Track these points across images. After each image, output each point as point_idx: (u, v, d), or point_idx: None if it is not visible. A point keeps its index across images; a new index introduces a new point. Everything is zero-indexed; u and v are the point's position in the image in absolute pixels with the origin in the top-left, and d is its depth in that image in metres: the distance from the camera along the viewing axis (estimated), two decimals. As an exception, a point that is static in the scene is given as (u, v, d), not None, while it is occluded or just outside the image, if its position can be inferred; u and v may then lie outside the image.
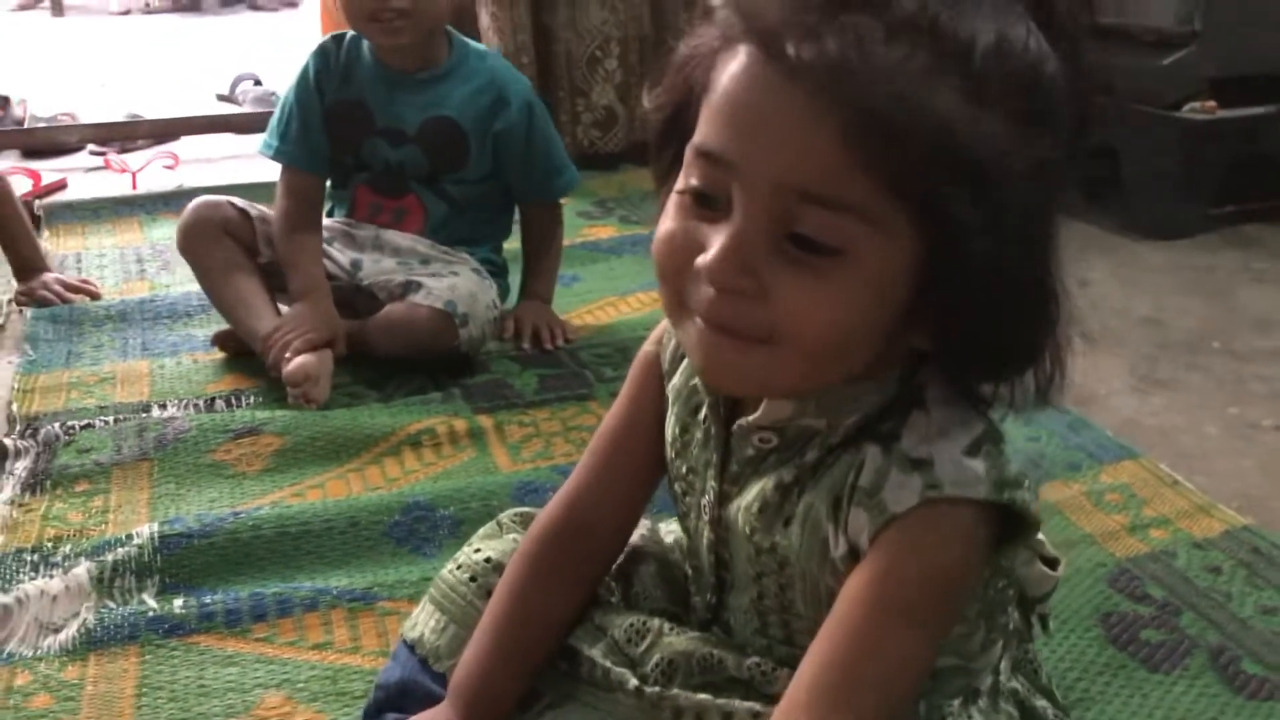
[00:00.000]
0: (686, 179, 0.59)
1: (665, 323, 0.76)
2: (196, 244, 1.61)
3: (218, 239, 1.60)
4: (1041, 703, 0.77)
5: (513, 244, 1.79)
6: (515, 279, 1.79)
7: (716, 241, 0.57)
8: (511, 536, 0.82)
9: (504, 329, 1.69)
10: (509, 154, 1.66)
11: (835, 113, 0.52)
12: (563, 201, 1.80)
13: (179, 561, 1.12)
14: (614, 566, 0.81)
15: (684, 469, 0.73)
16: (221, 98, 3.60)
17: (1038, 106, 0.55)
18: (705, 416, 0.71)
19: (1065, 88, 0.57)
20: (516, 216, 1.78)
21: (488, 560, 0.81)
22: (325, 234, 1.67)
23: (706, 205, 0.58)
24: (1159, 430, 1.43)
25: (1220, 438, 1.42)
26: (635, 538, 0.82)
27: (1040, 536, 0.78)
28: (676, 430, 0.73)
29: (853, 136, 0.52)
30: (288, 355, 1.49)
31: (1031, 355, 0.61)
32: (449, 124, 1.62)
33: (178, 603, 1.06)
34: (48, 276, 1.92)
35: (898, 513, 0.60)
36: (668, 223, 0.61)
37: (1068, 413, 1.43)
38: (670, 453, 0.74)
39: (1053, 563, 0.77)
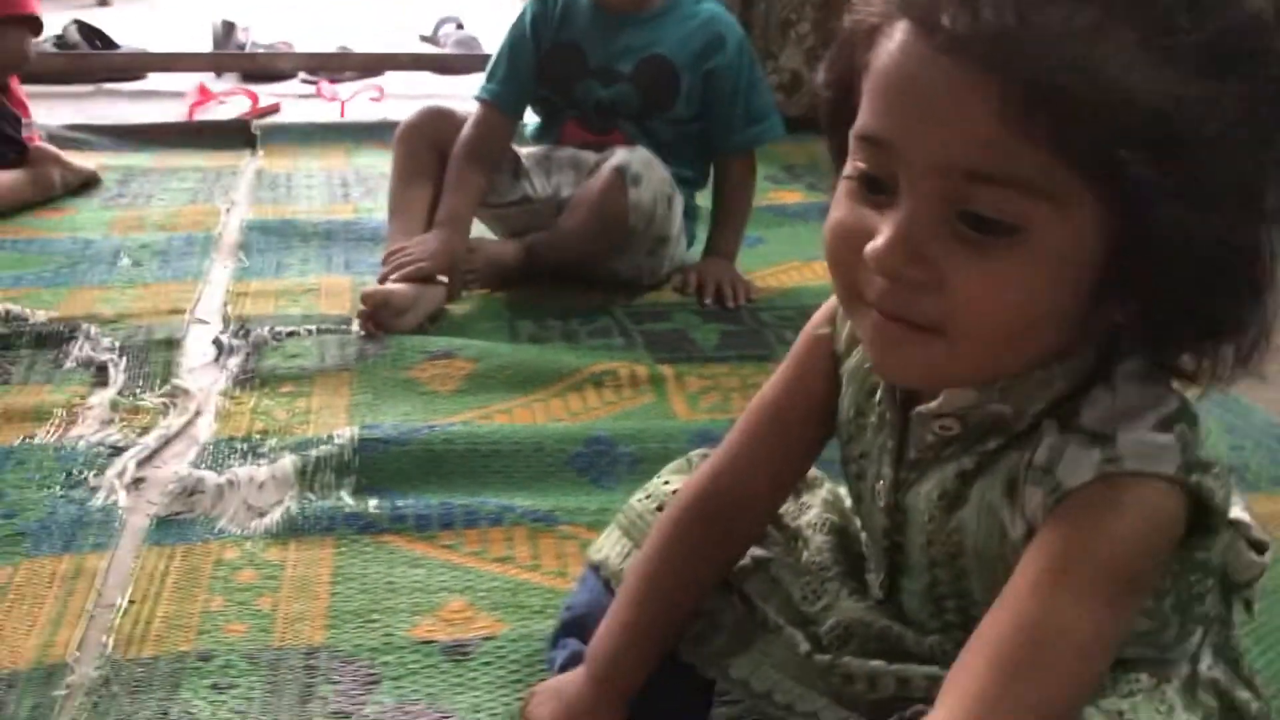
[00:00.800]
0: (853, 164, 0.58)
1: (834, 302, 0.73)
2: (409, 143, 1.70)
3: (429, 148, 1.68)
4: (1244, 694, 0.73)
5: (704, 201, 1.80)
6: (703, 236, 1.80)
7: (885, 229, 0.55)
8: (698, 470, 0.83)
9: (686, 282, 1.70)
10: (719, 93, 1.67)
11: (995, 85, 0.50)
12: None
13: (375, 464, 1.18)
14: (791, 523, 0.80)
15: (857, 453, 0.71)
16: (424, 38, 3.72)
17: (1237, 55, 0.51)
18: (881, 400, 0.69)
19: (1277, 28, 0.53)
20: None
21: (675, 493, 0.81)
22: (524, 164, 1.73)
23: (875, 190, 0.57)
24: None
25: None
26: (819, 502, 0.81)
27: (1247, 518, 0.74)
28: (851, 413, 0.71)
29: (1016, 108, 0.50)
30: (389, 276, 1.54)
31: (1236, 327, 0.57)
32: (663, 62, 1.66)
33: (372, 503, 1.12)
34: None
35: (1072, 487, 0.57)
36: (837, 210, 0.59)
37: (1276, 424, 1.36)
38: (843, 435, 0.73)
39: (1260, 546, 0.72)
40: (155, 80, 3.04)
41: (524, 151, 1.76)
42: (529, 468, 1.19)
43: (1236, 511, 0.75)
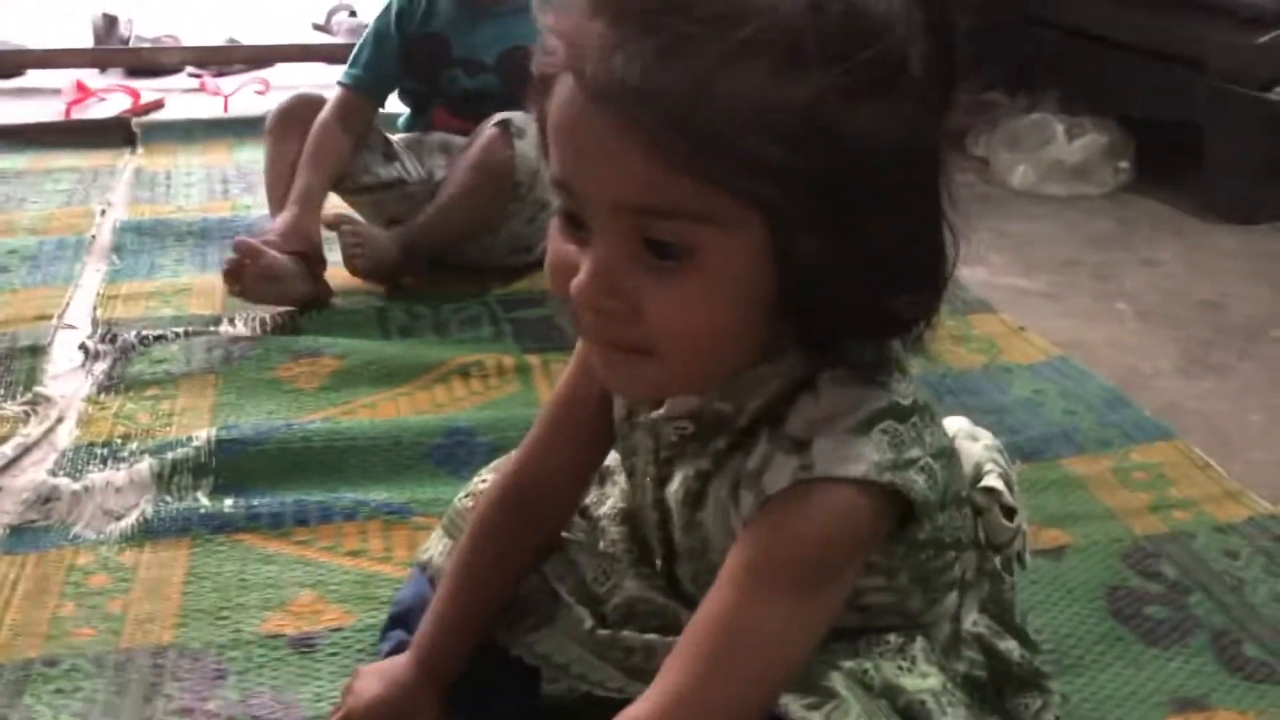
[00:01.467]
0: (555, 202, 0.61)
1: None
2: (279, 131, 1.72)
3: (301, 136, 1.69)
4: (1008, 644, 0.79)
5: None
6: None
7: (584, 266, 0.58)
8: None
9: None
10: None
11: (640, 129, 0.53)
12: None
13: (232, 465, 1.20)
14: (590, 508, 0.84)
15: (629, 450, 0.75)
16: (317, 27, 3.68)
17: (870, 58, 0.54)
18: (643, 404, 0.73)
19: (909, 27, 0.55)
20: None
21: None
22: (395, 147, 1.76)
23: (576, 227, 0.60)
24: (1200, 414, 1.43)
25: (1263, 426, 1.41)
26: (616, 492, 0.85)
27: (1000, 486, 0.80)
28: (623, 413, 0.75)
29: (662, 147, 0.53)
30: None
31: (903, 326, 0.62)
32: (527, 53, 1.66)
33: (228, 502, 1.14)
34: None
35: (772, 493, 0.61)
36: (552, 245, 0.62)
37: (1110, 391, 1.44)
38: (618, 433, 0.76)
39: (1010, 512, 0.78)
40: (34, 77, 2.97)
41: (395, 137, 1.79)
42: (386, 461, 1.22)
43: (991, 480, 0.80)
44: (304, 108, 1.72)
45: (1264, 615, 1.05)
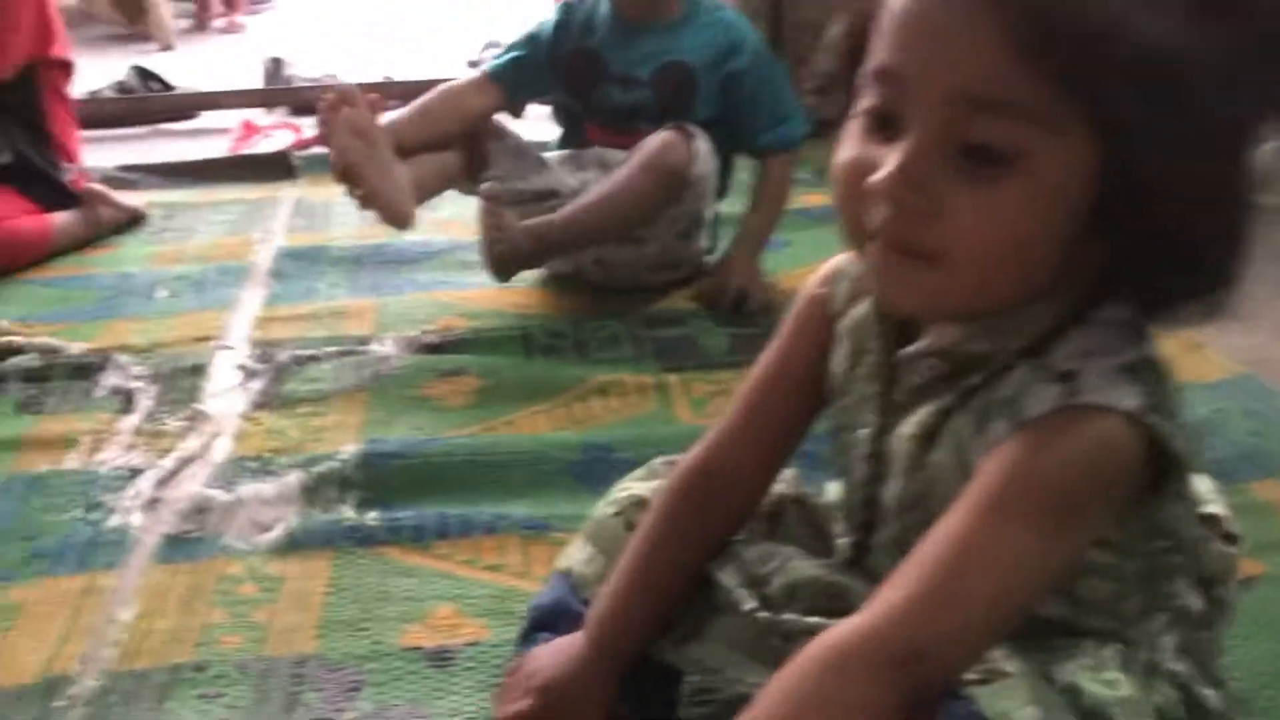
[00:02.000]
0: (863, 101, 0.60)
1: (834, 263, 0.76)
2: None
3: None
4: (1209, 691, 0.72)
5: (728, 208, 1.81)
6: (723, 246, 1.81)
7: (891, 159, 0.57)
8: (659, 482, 0.84)
9: (703, 287, 1.70)
10: (739, 97, 1.69)
11: (996, 12, 0.52)
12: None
13: (377, 479, 1.21)
14: (760, 511, 0.81)
15: (847, 404, 0.72)
16: (472, 64, 3.78)
17: (1228, 3, 0.53)
18: (872, 349, 0.70)
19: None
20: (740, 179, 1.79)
21: (634, 498, 0.83)
22: (552, 159, 1.77)
23: (884, 127, 0.59)
24: None
25: None
26: (784, 486, 0.82)
27: (1223, 512, 0.74)
28: (845, 366, 0.72)
29: (1015, 34, 0.52)
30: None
31: (1217, 274, 0.58)
32: (681, 68, 1.68)
33: (371, 515, 1.15)
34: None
35: (1031, 416, 0.58)
36: (846, 149, 0.61)
37: (1301, 407, 1.32)
38: (835, 389, 0.73)
39: (1232, 539, 0.72)
40: (206, 119, 3.14)
41: (549, 154, 1.79)
42: (526, 478, 1.21)
43: (1213, 508, 0.74)
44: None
45: None
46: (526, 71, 1.75)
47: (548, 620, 0.84)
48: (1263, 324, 1.61)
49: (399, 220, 1.64)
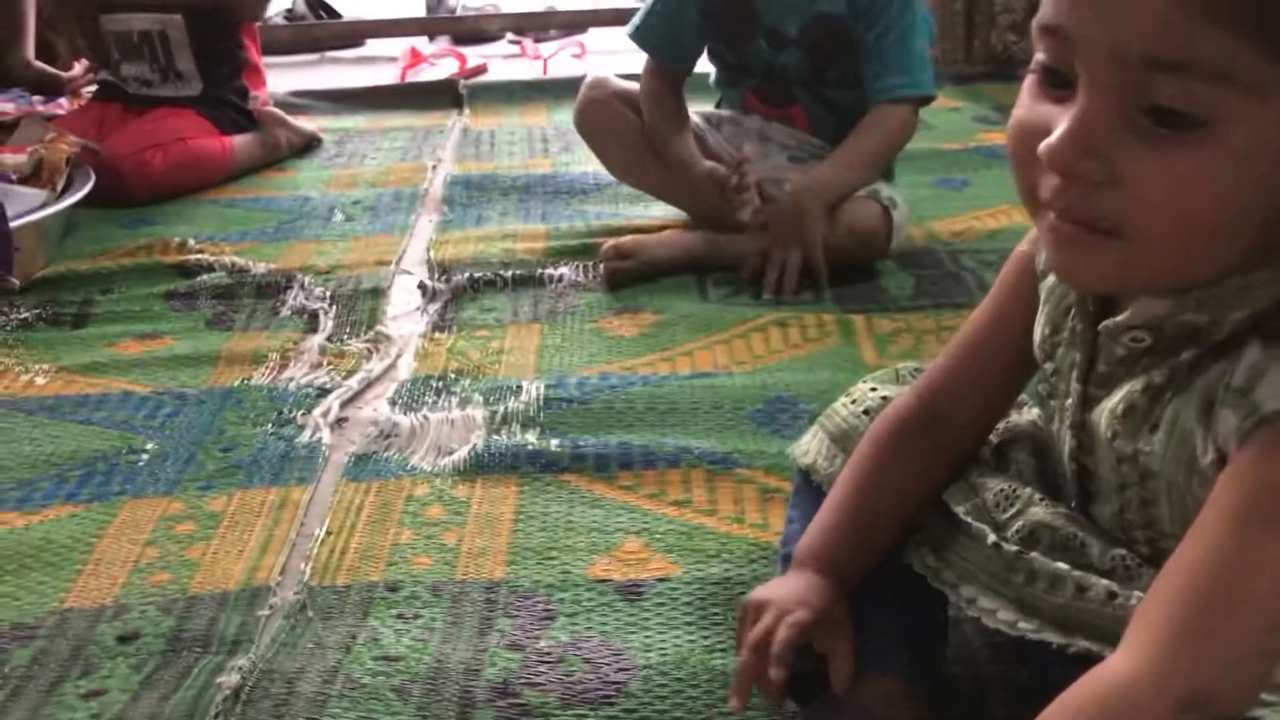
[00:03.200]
0: (1036, 55, 0.56)
1: None
2: (593, 119, 1.69)
3: (613, 109, 1.66)
4: None
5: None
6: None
7: (1061, 123, 0.53)
8: (908, 387, 0.80)
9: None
10: (873, 38, 1.53)
11: None
12: (937, 109, 1.67)
13: (557, 418, 1.20)
14: (996, 441, 0.77)
15: (1050, 370, 0.69)
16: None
17: None
18: (1073, 315, 0.66)
19: None
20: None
21: (884, 399, 0.80)
22: (713, 121, 1.69)
23: (1056, 85, 0.54)
24: None
25: None
26: (1019, 418, 0.78)
27: None
28: (1046, 330, 0.68)
29: None
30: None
31: None
32: (830, 20, 1.55)
33: (554, 442, 1.14)
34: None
35: (1271, 412, 0.52)
36: (1019, 108, 0.57)
37: None
38: (1039, 354, 0.70)
39: None
40: (373, 46, 3.18)
41: (709, 111, 1.72)
42: (708, 420, 1.18)
43: None
44: (601, 92, 1.68)
45: None
46: (678, 36, 1.63)
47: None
48: None
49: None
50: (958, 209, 1.75)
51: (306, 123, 2.32)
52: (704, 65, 1.72)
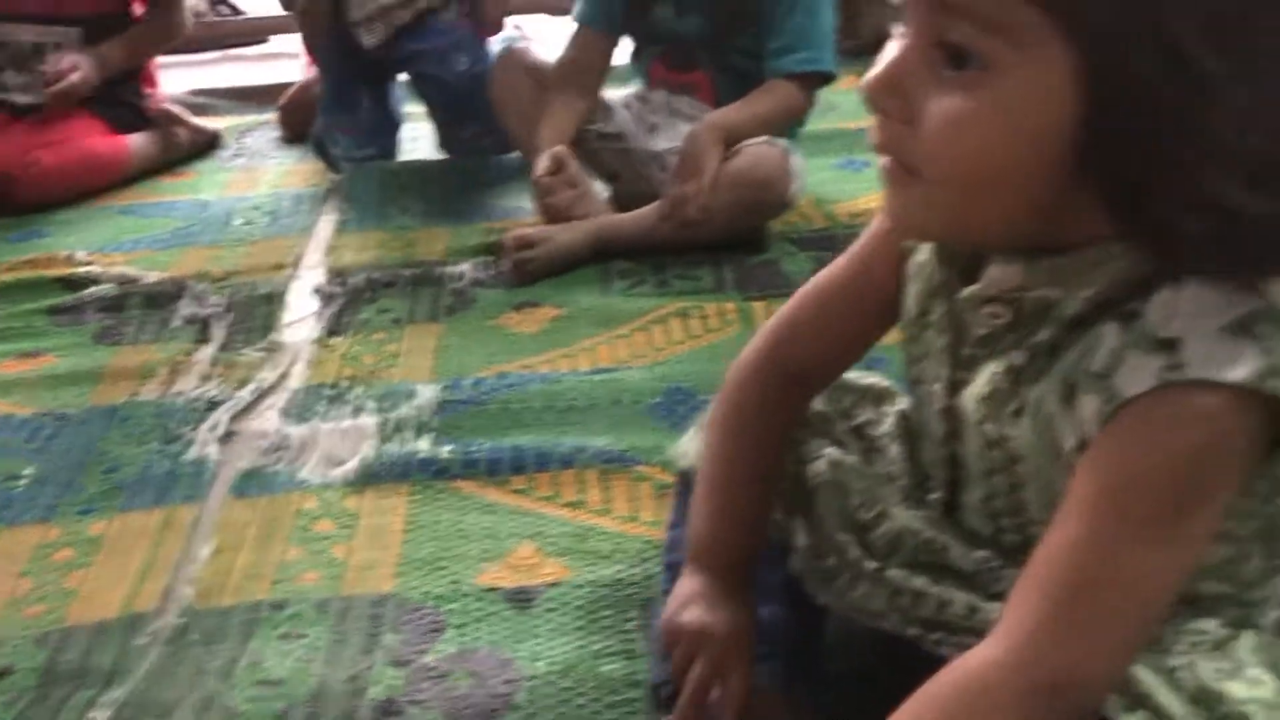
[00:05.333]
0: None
1: None
2: (500, 94, 1.70)
3: (521, 84, 1.67)
4: None
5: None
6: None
7: (879, 63, 0.55)
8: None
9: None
10: (772, 10, 1.53)
11: None
12: (842, 88, 1.67)
13: (452, 423, 1.18)
14: (867, 427, 0.78)
15: (918, 354, 0.68)
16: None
17: None
18: (939, 297, 0.66)
19: None
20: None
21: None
22: (620, 100, 1.69)
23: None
24: None
25: None
26: (894, 413, 0.78)
27: None
28: (914, 312, 0.68)
29: None
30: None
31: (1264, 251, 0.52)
32: None
33: (446, 448, 1.12)
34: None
35: (1129, 397, 0.52)
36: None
37: None
38: (905, 337, 0.70)
39: None
40: (277, 43, 3.10)
41: (617, 91, 1.71)
42: (606, 417, 1.17)
43: None
44: (513, 67, 1.69)
45: None
46: (612, 2, 1.64)
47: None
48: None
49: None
50: (859, 191, 1.75)
51: (208, 122, 2.26)
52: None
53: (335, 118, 2.00)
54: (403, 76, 2.06)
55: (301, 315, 1.48)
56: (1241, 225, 0.50)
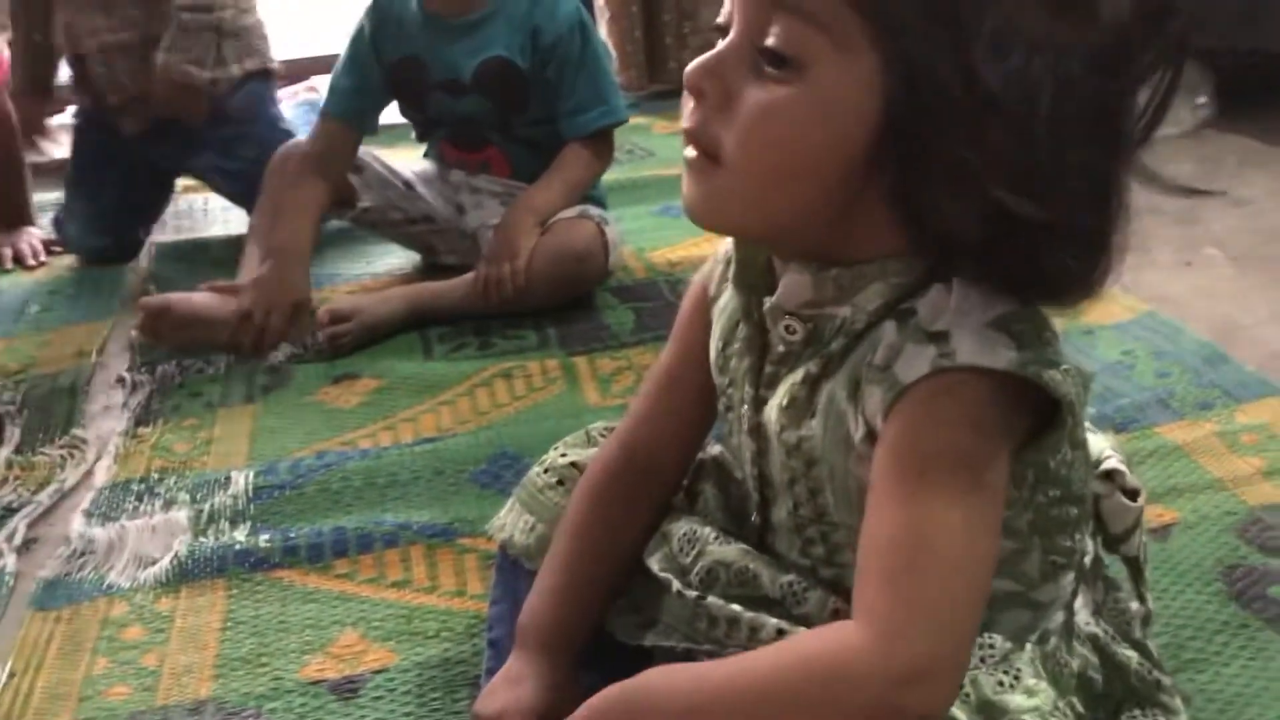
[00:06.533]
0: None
1: (716, 251, 0.75)
2: (271, 180, 1.64)
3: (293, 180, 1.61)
4: (1127, 653, 0.70)
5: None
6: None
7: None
8: (609, 440, 0.81)
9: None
10: (556, 76, 1.55)
11: None
12: (660, 133, 1.73)
13: (269, 509, 1.14)
14: (685, 482, 0.79)
15: (726, 383, 0.71)
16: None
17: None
18: (741, 323, 0.69)
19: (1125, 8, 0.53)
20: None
21: (574, 464, 0.81)
22: (420, 178, 1.68)
23: (724, 36, 0.60)
24: (1309, 364, 1.30)
25: (1380, 374, 1.27)
26: (704, 454, 0.80)
27: (1121, 466, 0.73)
28: (719, 346, 0.71)
29: None
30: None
31: (1039, 274, 0.56)
32: (502, 63, 1.55)
33: (264, 537, 1.08)
34: (32, 230, 1.96)
35: (908, 383, 0.57)
36: None
37: (1205, 345, 1.32)
38: (715, 371, 0.72)
39: (1134, 494, 0.72)
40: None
41: (415, 169, 1.70)
42: (429, 489, 1.15)
43: (1113, 463, 0.72)
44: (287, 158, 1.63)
45: (1406, 586, 0.93)
46: (367, 94, 1.61)
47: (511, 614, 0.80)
48: (1159, 258, 1.61)
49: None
50: (677, 237, 1.79)
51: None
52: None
53: (71, 201, 1.89)
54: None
55: (106, 405, 1.41)
56: (1017, 232, 0.55)
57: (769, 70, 0.56)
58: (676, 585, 0.70)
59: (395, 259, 1.79)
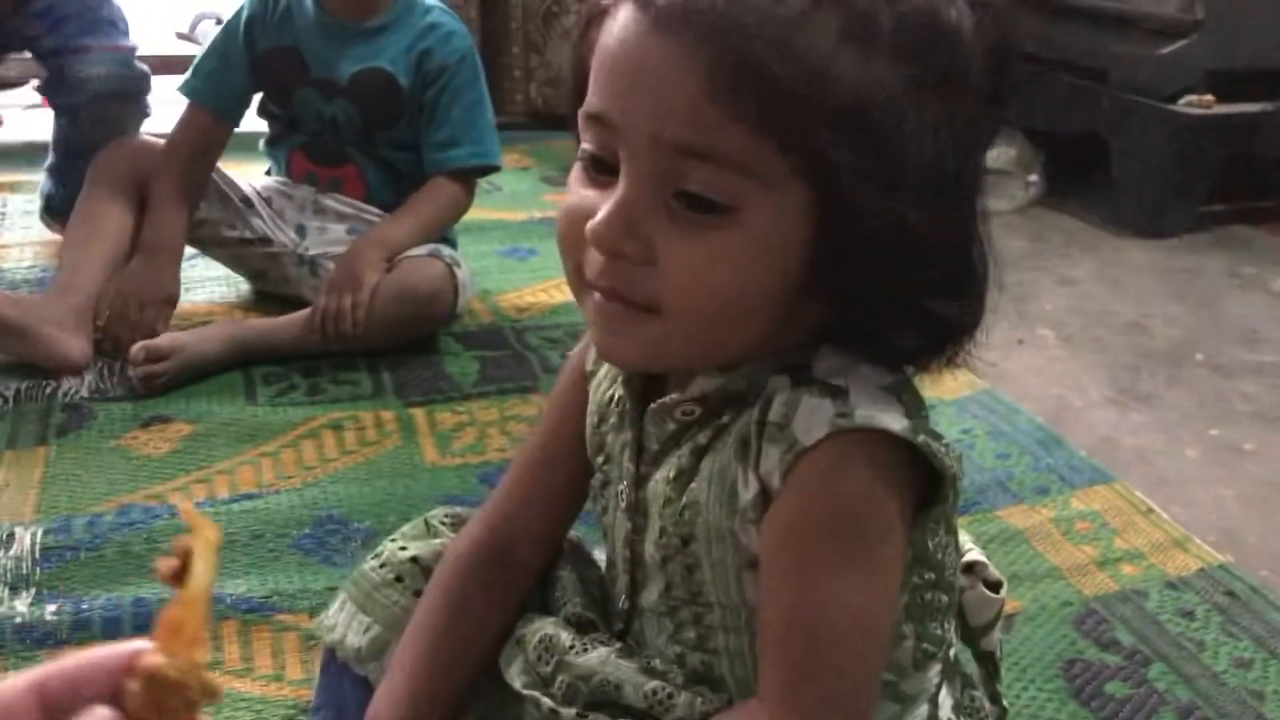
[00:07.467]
0: (581, 145, 0.58)
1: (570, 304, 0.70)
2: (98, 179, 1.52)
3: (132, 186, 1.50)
4: None
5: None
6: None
7: (605, 206, 0.55)
8: (440, 541, 0.75)
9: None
10: (433, 103, 1.50)
11: (700, 59, 0.51)
12: (508, 169, 1.67)
13: (59, 574, 1.02)
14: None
15: (602, 460, 0.68)
16: (181, 36, 3.45)
17: (937, 56, 0.53)
18: (617, 401, 0.66)
19: (974, 42, 0.54)
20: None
21: (414, 560, 0.74)
22: (260, 195, 1.57)
23: (601, 171, 0.57)
24: (1136, 451, 1.35)
25: (1200, 462, 1.33)
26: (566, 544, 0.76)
27: (984, 559, 0.73)
28: (594, 422, 0.69)
29: (721, 85, 0.51)
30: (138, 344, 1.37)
31: (946, 329, 0.58)
32: (382, 76, 1.50)
33: (50, 607, 0.96)
34: None
35: (808, 445, 0.55)
36: (569, 195, 0.59)
37: (1041, 429, 1.35)
38: (590, 448, 0.69)
39: (995, 586, 0.71)
40: None
41: (258, 184, 1.60)
42: (245, 556, 1.05)
43: (975, 555, 0.72)
44: (135, 156, 1.52)
45: (1229, 685, 0.96)
46: (234, 82, 1.53)
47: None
48: (994, 337, 1.66)
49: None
50: (524, 281, 1.74)
51: None
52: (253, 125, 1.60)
53: None
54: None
55: None
56: (938, 328, 0.57)
57: (690, 215, 0.53)
58: (546, 703, 0.65)
59: (220, 286, 1.66)
